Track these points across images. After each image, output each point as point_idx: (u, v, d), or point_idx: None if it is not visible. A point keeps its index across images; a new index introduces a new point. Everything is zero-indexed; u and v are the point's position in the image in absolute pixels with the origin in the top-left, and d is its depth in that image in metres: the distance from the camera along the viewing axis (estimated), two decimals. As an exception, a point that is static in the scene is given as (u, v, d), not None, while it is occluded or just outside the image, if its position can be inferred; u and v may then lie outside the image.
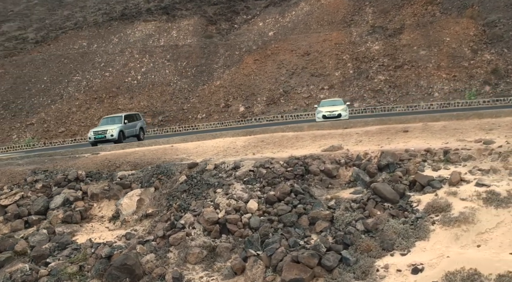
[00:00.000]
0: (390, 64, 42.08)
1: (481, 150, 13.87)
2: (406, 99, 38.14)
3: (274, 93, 42.46)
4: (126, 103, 46.36)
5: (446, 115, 19.29)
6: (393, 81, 40.36)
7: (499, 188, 11.41)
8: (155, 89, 47.10)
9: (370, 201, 12.39)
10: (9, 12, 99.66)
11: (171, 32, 63.44)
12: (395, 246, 10.83)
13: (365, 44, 45.28)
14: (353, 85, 41.07)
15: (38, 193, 17.14)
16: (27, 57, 61.27)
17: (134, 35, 64.69)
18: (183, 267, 11.63)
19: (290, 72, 44.23)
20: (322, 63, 44.33)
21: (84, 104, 48.04)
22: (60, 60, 57.57)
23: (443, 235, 10.75)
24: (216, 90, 44.83)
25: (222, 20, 70.98)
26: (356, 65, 43.08)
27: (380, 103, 38.54)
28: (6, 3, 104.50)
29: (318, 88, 41.85)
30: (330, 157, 15.50)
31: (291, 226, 12.34)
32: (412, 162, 14.21)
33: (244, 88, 43.77)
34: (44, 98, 51.03)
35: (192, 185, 14.51)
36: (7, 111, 50.58)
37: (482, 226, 10.56)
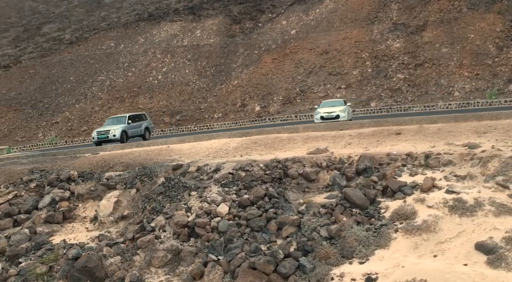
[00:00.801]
0: (410, 63, 41.04)
1: (463, 155, 13.34)
2: (425, 98, 37.11)
3: (291, 93, 42.17)
4: (146, 102, 47.08)
5: (444, 117, 18.65)
6: (412, 80, 39.33)
7: (468, 195, 10.94)
8: (174, 89, 47.62)
9: (338, 207, 12.13)
10: (50, 14, 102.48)
11: (195, 32, 63.92)
12: (354, 253, 10.58)
13: (385, 42, 44.32)
14: (371, 84, 40.27)
15: (31, 192, 17.62)
16: (56, 58, 63.12)
17: (159, 35, 65.51)
18: (146, 270, 11.70)
19: (308, 71, 43.80)
20: (341, 62, 43.69)
21: (106, 103, 49.09)
22: (86, 60, 59.04)
23: (403, 243, 10.41)
24: (233, 89, 44.90)
25: (247, 19, 71.04)
26: (375, 63, 42.23)
27: (397, 103, 37.64)
28: (49, 5, 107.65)
29: (335, 87, 41.28)
30: (312, 160, 15.25)
31: (258, 231, 12.22)
32: (391, 166, 13.83)
33: (261, 88, 43.65)
34: (69, 97, 52.45)
35: (169, 187, 14.59)
36: (35, 111, 52.28)
37: (443, 235, 10.17)
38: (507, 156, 12.41)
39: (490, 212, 10.30)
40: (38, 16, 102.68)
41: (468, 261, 9.26)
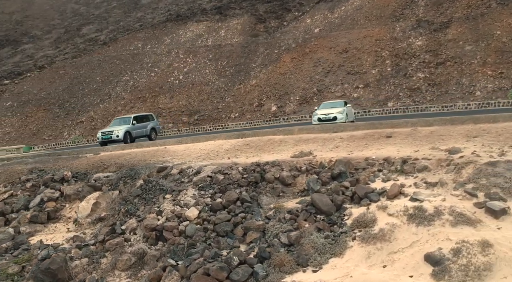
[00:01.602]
0: (431, 61, 39.90)
1: (441, 160, 12.88)
2: (444, 98, 35.98)
3: (307, 92, 41.76)
4: (166, 102, 47.71)
5: (441, 119, 18.02)
6: (432, 79, 38.22)
7: (431, 203, 10.56)
8: (194, 89, 48.04)
9: (303, 213, 11.92)
10: (90, 15, 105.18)
11: (219, 31, 64.31)
12: (309, 261, 10.38)
13: (407, 40, 43.26)
14: (390, 83, 39.38)
15: (27, 191, 18.14)
16: (85, 59, 64.88)
17: (185, 35, 66.27)
18: (110, 273, 11.85)
19: (326, 71, 43.27)
20: (360, 61, 42.94)
21: (129, 103, 50.04)
22: (113, 61, 60.36)
23: (358, 252, 10.16)
24: (251, 89, 44.88)
25: (272, 18, 70.92)
26: (395, 62, 41.27)
27: (415, 103, 36.67)
28: (90, 6, 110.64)
29: (352, 87, 40.61)
30: (292, 164, 15.07)
31: (224, 236, 12.17)
32: (367, 171, 13.51)
33: (278, 88, 43.45)
34: (95, 97, 53.78)
35: (146, 190, 14.73)
36: (62, 110, 53.89)
37: (397, 244, 9.86)
38: (483, 162, 11.91)
39: (447, 222, 9.90)
40: (79, 18, 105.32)
41: (414, 272, 8.94)
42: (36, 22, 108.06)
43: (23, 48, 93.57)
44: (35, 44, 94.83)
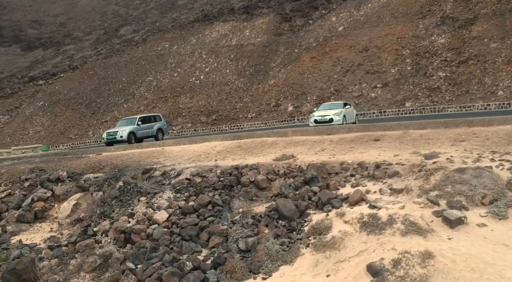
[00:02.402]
0: (453, 59, 38.65)
1: (414, 166, 12.48)
2: (464, 98, 34.78)
3: (325, 92, 41.25)
4: (186, 102, 48.18)
5: (435, 122, 17.45)
6: (453, 78, 37.00)
7: (387, 211, 10.25)
8: (214, 89, 48.32)
9: (265, 218, 11.81)
10: (129, 16, 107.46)
11: (244, 31, 64.41)
12: (261, 269, 10.27)
13: (429, 38, 42.07)
14: (409, 83, 38.39)
15: (24, 191, 18.72)
16: (113, 60, 66.37)
17: (210, 35, 66.74)
18: (76, 274, 12.08)
19: (345, 70, 42.61)
20: (380, 60, 42.06)
21: (151, 103, 50.84)
22: (139, 61, 61.48)
23: (308, 260, 9.97)
24: (269, 89, 44.73)
25: (298, 16, 70.48)
26: (416, 61, 40.20)
27: (434, 103, 35.60)
28: (129, 8, 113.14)
29: (370, 86, 39.83)
30: (270, 168, 14.94)
31: (188, 240, 12.21)
32: (340, 176, 13.26)
33: (296, 87, 43.12)
34: (119, 97, 54.93)
35: (124, 192, 14.92)
36: (88, 110, 55.34)
37: (346, 253, 9.62)
38: (453, 169, 11.47)
39: (398, 231, 9.58)
40: (118, 19, 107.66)
41: (354, 283, 8.71)
42: (78, 24, 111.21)
43: (64, 49, 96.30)
44: (76, 45, 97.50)
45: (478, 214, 9.96)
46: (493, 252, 8.61)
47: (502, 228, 9.39)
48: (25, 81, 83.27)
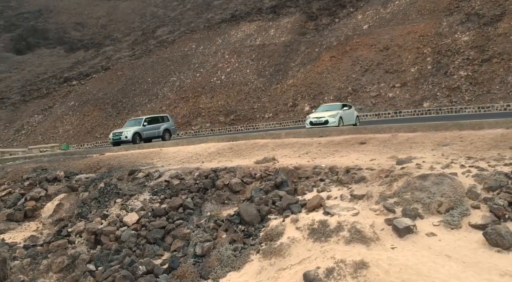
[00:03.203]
0: (476, 58, 37.30)
1: (383, 171, 12.17)
2: (484, 98, 33.50)
3: (342, 92, 40.64)
4: (206, 102, 48.55)
5: (426, 125, 16.93)
6: (475, 78, 35.71)
7: (338, 218, 10.05)
8: (233, 89, 48.46)
9: (225, 222, 11.79)
10: (166, 17, 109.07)
11: (269, 31, 64.27)
12: (210, 274, 10.26)
13: (453, 35, 40.75)
14: (428, 82, 37.32)
15: (24, 190, 19.32)
16: (141, 60, 67.60)
17: (236, 36, 66.93)
18: (45, 274, 12.40)
19: (364, 69, 41.85)
20: (400, 58, 41.07)
21: (173, 103, 51.51)
22: (164, 62, 62.37)
23: (254, 267, 9.89)
24: (287, 89, 44.47)
25: (325, 15, 69.70)
26: (437, 59, 39.03)
27: (452, 103, 34.49)
28: (167, 9, 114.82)
29: (388, 86, 38.95)
30: (247, 171, 14.88)
31: (153, 243, 12.32)
32: (311, 180, 13.08)
33: (314, 87, 42.68)
34: (144, 97, 55.93)
35: (104, 193, 15.19)
36: (114, 109, 56.63)
37: (289, 261, 9.48)
38: (417, 175, 11.13)
39: (343, 239, 9.36)
40: (156, 20, 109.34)
41: (288, 292, 8.59)
42: (118, 25, 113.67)
43: (103, 51, 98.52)
44: (115, 46, 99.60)
45: (431, 223, 9.64)
46: (432, 263, 8.33)
47: (451, 238, 9.05)
48: (61, 81, 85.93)
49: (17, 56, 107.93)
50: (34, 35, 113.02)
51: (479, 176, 10.57)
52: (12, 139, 67.57)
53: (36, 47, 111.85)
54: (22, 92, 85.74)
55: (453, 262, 8.28)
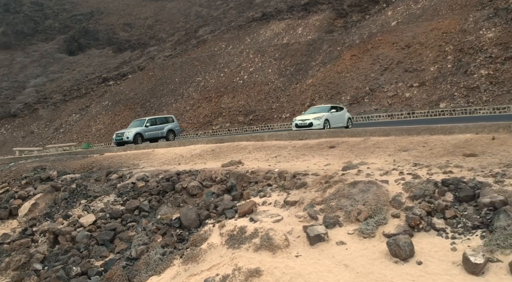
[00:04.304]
0: (499, 56, 35.73)
1: (326, 177, 12.05)
2: (502, 99, 32.04)
3: (359, 92, 39.92)
4: (228, 102, 48.95)
5: (399, 129, 16.49)
6: (496, 77, 34.21)
7: (259, 224, 10.12)
8: (254, 89, 48.60)
9: (164, 226, 12.04)
10: (209, 17, 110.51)
11: (297, 29, 63.92)
12: (136, 278, 10.56)
13: (477, 32, 39.17)
14: (447, 81, 36.07)
15: (20, 188, 20.35)
16: (171, 61, 68.94)
17: (264, 35, 66.97)
18: (4, 272, 13.10)
19: (383, 68, 40.93)
20: (420, 57, 39.89)
21: (196, 103, 52.27)
22: (192, 62, 63.32)
23: (173, 271, 10.11)
24: (306, 89, 44.14)
25: (355, 11, 68.43)
26: (458, 57, 37.65)
27: (469, 104, 33.21)
28: (211, 8, 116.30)
29: (406, 85, 37.94)
30: (208, 174, 15.08)
31: (101, 244, 12.75)
32: (259, 185, 13.12)
33: (332, 87, 42.15)
34: (170, 97, 57.05)
35: (74, 194, 15.80)
36: (142, 109, 58.12)
37: (202, 266, 9.64)
38: (348, 182, 10.99)
39: (253, 246, 9.42)
40: (199, 20, 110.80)
41: (186, 299, 8.76)
42: (163, 25, 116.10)
43: (148, 51, 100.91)
44: (159, 46, 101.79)
45: (347, 231, 9.54)
46: (327, 272, 8.31)
47: (359, 247, 8.95)
48: (99, 81, 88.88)
49: (69, 57, 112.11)
50: (85, 36, 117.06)
51: (409, 184, 10.32)
52: (51, 137, 70.62)
53: (87, 48, 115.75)
54: (64, 92, 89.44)
55: (347, 272, 8.22)
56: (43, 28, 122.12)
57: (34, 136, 75.02)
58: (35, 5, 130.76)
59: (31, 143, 68.06)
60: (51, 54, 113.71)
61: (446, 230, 8.88)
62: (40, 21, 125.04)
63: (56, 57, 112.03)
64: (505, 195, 8.87)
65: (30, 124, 79.65)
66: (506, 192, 8.99)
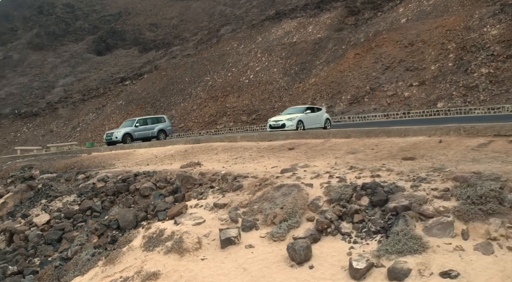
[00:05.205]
0: (501, 53, 34.86)
1: (262, 180, 12.11)
2: (500, 98, 31.27)
3: (360, 91, 39.52)
4: (233, 101, 49.16)
5: (360, 131, 16.38)
6: (496, 75, 33.40)
7: (179, 227, 10.28)
8: (259, 88, 48.67)
9: (101, 226, 12.31)
10: (232, 16, 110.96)
11: (308, 28, 63.68)
12: (63, 278, 10.85)
13: (481, 29, 38.28)
14: (446, 80, 35.39)
15: (5, 187, 21.00)
16: (183, 60, 69.63)
17: (276, 33, 67.00)
18: (-41, 268, 13.63)
19: (385, 67, 40.40)
20: (422, 55, 39.23)
21: (203, 102, 52.69)
22: (203, 62, 63.80)
23: (93, 272, 10.34)
24: (308, 88, 43.94)
25: (368, 9, 67.65)
26: (460, 56, 36.88)
27: (466, 104, 32.53)
28: (234, 7, 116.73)
29: (406, 85, 37.37)
30: (163, 175, 15.30)
31: (48, 244, 13.12)
32: (203, 187, 13.27)
33: (333, 86, 41.85)
34: (179, 97, 57.66)
35: (38, 193, 16.26)
36: (152, 109, 58.92)
37: (117, 268, 9.82)
38: (276, 185, 11.05)
39: (165, 248, 9.56)
40: (223, 19, 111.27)
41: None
42: (188, 25, 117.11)
43: (171, 50, 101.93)
44: (182, 46, 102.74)
45: (260, 235, 9.61)
46: (224, 276, 8.43)
47: (264, 251, 9.02)
48: (117, 81, 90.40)
49: (97, 57, 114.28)
50: (113, 36, 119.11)
51: (330, 187, 10.31)
52: (69, 136, 72.28)
53: (114, 48, 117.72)
54: (83, 92, 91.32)
55: (243, 275, 8.32)
56: (73, 29, 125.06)
57: (53, 134, 76.82)
58: (66, 7, 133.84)
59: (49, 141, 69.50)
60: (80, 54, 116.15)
61: (351, 234, 8.87)
62: (71, 22, 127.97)
63: (85, 57, 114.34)
64: (411, 200, 8.80)
65: (50, 123, 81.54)
66: (414, 197, 8.91)
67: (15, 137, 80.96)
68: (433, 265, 7.15)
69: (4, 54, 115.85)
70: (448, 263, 7.15)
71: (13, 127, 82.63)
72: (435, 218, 8.30)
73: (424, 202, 8.76)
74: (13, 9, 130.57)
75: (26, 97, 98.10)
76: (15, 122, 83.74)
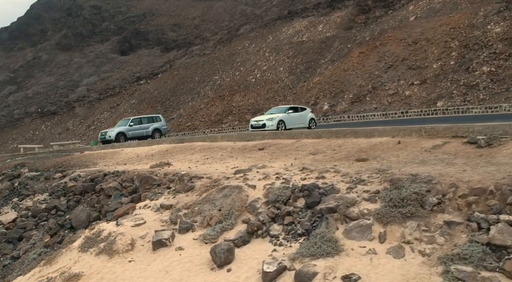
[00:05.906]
0: (503, 51, 33.92)
1: (214, 181, 12.05)
2: (499, 97, 30.46)
3: (362, 90, 38.99)
4: (239, 100, 49.14)
5: (329, 131, 16.14)
6: (497, 74, 32.53)
7: (118, 228, 10.33)
8: (264, 87, 48.54)
9: (56, 226, 12.43)
10: (252, 15, 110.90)
11: (318, 27, 63.22)
12: (6, 277, 10.98)
13: (485, 27, 37.30)
14: (447, 79, 34.62)
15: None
16: (194, 60, 69.91)
17: (286, 33, 66.68)
18: None
19: (388, 66, 39.78)
20: (425, 53, 38.45)
21: (210, 101, 52.81)
22: (212, 61, 63.96)
23: (32, 272, 10.43)
24: (312, 87, 43.59)
25: (379, 7, 66.72)
26: (462, 54, 36.01)
27: (465, 103, 31.77)
28: (255, 7, 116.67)
29: (407, 83, 36.70)
30: (130, 175, 15.35)
31: (9, 242, 13.34)
32: (161, 188, 13.29)
33: (336, 85, 41.42)
34: (187, 96, 57.94)
35: (13, 191, 16.54)
36: (162, 107, 59.35)
37: (53, 268, 9.91)
38: (220, 187, 11.00)
39: (97, 249, 9.62)
40: (243, 19, 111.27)
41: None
42: (209, 25, 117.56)
43: (191, 50, 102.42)
44: (202, 45, 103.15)
45: (193, 237, 9.58)
46: (145, 278, 8.51)
47: (192, 253, 9.01)
48: (133, 80, 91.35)
49: (121, 57, 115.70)
50: (137, 37, 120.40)
51: (271, 189, 10.21)
52: (83, 134, 73.35)
53: (137, 48, 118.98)
54: (100, 91, 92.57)
55: (163, 278, 8.33)
56: (99, 30, 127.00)
57: (69, 133, 78.02)
58: (94, 9, 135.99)
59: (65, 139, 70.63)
60: (105, 54, 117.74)
61: (279, 236, 8.77)
62: (98, 23, 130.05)
63: (109, 57, 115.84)
64: (339, 202, 8.66)
65: (67, 122, 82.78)
66: (343, 199, 8.76)
67: (34, 135, 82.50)
68: (339, 269, 7.02)
69: (34, 55, 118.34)
70: (354, 266, 7.02)
71: (33, 125, 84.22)
72: (357, 220, 8.16)
73: (352, 204, 8.62)
74: (44, 11, 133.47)
75: (51, 96, 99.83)
76: (35, 121, 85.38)
